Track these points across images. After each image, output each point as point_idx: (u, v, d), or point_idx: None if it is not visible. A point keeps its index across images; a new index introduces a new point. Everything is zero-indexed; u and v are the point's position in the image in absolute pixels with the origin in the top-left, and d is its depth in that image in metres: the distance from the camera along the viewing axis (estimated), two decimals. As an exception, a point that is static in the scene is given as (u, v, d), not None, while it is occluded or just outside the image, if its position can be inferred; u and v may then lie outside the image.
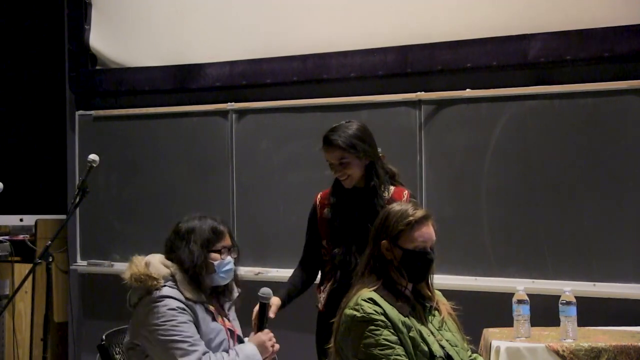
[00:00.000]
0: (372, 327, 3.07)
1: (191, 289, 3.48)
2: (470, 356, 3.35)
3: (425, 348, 3.11)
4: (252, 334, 3.68)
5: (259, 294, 3.71)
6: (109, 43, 6.74)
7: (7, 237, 6.62)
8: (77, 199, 4.77)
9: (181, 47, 6.45)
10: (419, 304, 3.27)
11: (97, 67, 6.83)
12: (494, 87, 5.38)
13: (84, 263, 6.72)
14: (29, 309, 6.56)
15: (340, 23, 5.88)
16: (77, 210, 5.65)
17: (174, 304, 3.41)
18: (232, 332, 3.62)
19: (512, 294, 4.30)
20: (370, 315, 3.08)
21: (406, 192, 4.13)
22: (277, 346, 3.63)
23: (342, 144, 4.00)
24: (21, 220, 6.85)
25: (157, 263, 3.53)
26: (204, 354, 3.36)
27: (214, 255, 3.55)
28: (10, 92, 7.27)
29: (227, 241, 3.62)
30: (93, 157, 4.76)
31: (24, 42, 7.30)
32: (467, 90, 5.48)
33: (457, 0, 5.54)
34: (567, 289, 4.28)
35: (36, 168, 7.15)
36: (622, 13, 5.09)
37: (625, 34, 5.08)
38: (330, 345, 3.26)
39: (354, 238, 3.99)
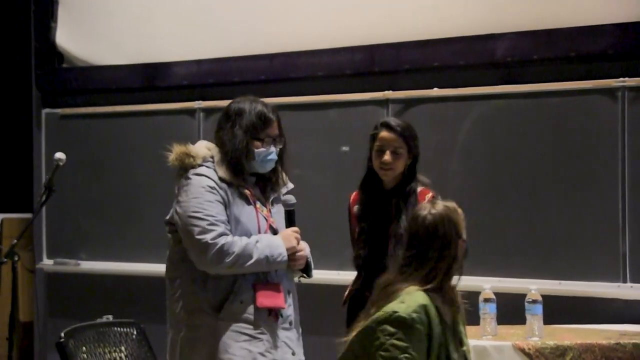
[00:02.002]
0: (408, 332, 2.91)
1: (227, 170, 3.43)
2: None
3: None
4: None
5: (281, 203, 3.61)
6: (75, 41, 6.69)
7: (-28, 237, 6.51)
8: (44, 198, 4.75)
9: (148, 45, 6.41)
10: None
11: (64, 65, 6.78)
12: (461, 87, 5.39)
13: (50, 262, 6.67)
14: (-5, 308, 6.57)
15: (308, 22, 5.86)
16: (44, 208, 5.64)
17: (205, 182, 3.38)
18: (267, 221, 3.53)
19: (478, 293, 4.28)
20: (415, 323, 2.92)
21: (430, 193, 4.03)
22: (303, 244, 3.56)
23: (403, 131, 3.98)
24: (-14, 219, 6.77)
25: (199, 145, 3.51)
26: (221, 235, 3.32)
27: (257, 143, 3.48)
28: (-24, 89, 7.18)
29: (273, 130, 3.52)
30: (60, 155, 4.72)
31: (-11, 40, 7.22)
32: (435, 89, 5.48)
33: (424, 0, 5.53)
34: (533, 287, 4.28)
35: (2, 166, 7.09)
36: (588, 13, 5.10)
37: (591, 34, 5.09)
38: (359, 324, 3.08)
39: (381, 240, 3.97)
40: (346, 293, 4.14)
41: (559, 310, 4.71)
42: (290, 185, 3.65)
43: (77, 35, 6.68)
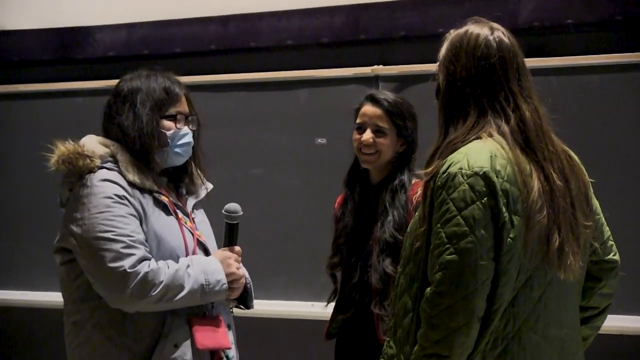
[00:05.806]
0: None
1: (137, 171, 3.01)
2: None
3: None
4: None
5: (223, 211, 3.18)
6: (-34, -2, 6.10)
7: None
8: None
9: (64, 5, 5.93)
10: None
11: (-50, 31, 6.28)
12: (472, 60, 4.90)
13: None
14: None
15: (274, -27, 5.56)
16: None
17: (111, 190, 2.91)
18: (193, 236, 3.14)
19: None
20: None
21: None
22: (243, 270, 3.17)
23: (391, 107, 3.62)
24: None
25: (92, 142, 3.06)
26: (141, 260, 2.86)
27: (167, 123, 3.07)
28: None
29: (183, 106, 3.14)
30: (-51, 148, 4.22)
31: None
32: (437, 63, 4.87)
33: (426, -54, 5.31)
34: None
35: None
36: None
37: (643, -6, 4.86)
38: None
39: (362, 246, 3.61)
40: (328, 323, 3.78)
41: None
42: (210, 186, 3.31)
43: (-32, -9, 6.09)
